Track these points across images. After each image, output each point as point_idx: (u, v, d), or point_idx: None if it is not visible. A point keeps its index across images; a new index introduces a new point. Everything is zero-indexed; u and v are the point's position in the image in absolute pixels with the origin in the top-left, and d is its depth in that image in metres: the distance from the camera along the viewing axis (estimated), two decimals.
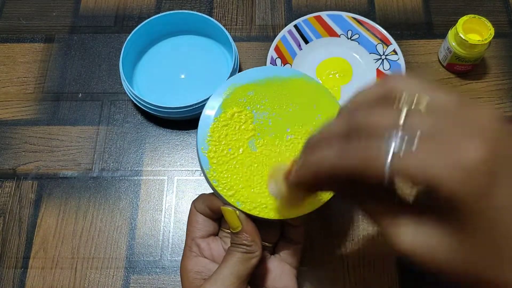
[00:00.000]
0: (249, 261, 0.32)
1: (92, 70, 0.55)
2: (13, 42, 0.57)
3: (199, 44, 0.56)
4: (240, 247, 0.32)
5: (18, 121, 0.52)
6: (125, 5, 0.59)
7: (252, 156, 0.34)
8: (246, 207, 0.33)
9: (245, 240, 0.32)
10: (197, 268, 0.34)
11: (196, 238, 0.35)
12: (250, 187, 0.33)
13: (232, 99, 0.35)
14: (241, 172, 0.33)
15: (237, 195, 0.33)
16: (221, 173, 0.33)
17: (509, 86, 0.53)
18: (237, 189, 0.33)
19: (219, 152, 0.34)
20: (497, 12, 0.58)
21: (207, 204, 0.35)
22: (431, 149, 0.20)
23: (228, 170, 0.33)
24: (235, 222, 0.33)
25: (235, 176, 0.33)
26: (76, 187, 0.49)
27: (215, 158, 0.33)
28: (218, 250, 0.36)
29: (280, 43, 0.53)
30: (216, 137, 0.34)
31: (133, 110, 0.53)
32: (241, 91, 0.35)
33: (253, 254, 0.32)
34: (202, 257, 0.35)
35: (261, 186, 0.33)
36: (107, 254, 0.46)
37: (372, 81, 0.25)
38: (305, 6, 0.59)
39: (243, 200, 0.33)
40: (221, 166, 0.33)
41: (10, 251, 0.46)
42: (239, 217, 0.33)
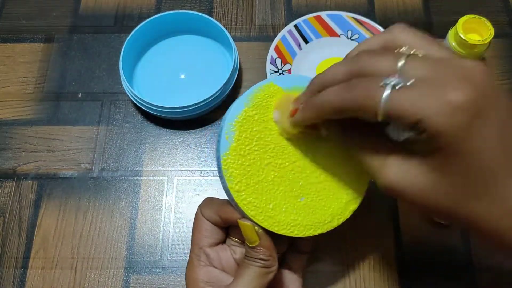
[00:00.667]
0: (266, 276, 0.31)
1: (92, 70, 0.55)
2: (13, 42, 0.57)
3: (199, 44, 0.56)
4: (257, 261, 0.31)
5: (18, 121, 0.52)
6: (125, 5, 0.59)
7: (275, 169, 0.32)
8: (266, 222, 0.31)
9: (263, 254, 0.31)
10: (207, 279, 0.33)
11: (204, 246, 0.34)
12: (271, 202, 0.32)
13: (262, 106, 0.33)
14: (264, 185, 0.32)
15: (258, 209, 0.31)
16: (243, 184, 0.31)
17: (509, 86, 0.53)
18: (257, 203, 0.31)
19: (242, 163, 0.31)
20: (497, 12, 0.58)
21: (219, 213, 0.33)
22: (423, 90, 0.22)
23: (252, 184, 0.31)
24: (252, 237, 0.31)
25: (259, 190, 0.31)
26: (76, 187, 0.49)
27: (236, 168, 0.31)
28: (228, 259, 0.34)
29: (280, 43, 0.53)
30: (241, 145, 0.31)
31: (133, 110, 0.53)
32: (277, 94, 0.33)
33: (270, 269, 0.31)
34: (212, 267, 0.34)
35: (282, 202, 0.32)
36: (107, 254, 0.46)
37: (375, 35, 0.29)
38: (305, 6, 0.59)
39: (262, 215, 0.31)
40: (244, 177, 0.31)
41: (10, 251, 0.46)
42: (257, 232, 0.31)
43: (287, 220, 0.32)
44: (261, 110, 0.32)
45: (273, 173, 0.32)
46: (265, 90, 0.33)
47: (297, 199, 0.32)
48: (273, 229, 0.31)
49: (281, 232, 0.31)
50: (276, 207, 0.32)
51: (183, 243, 0.46)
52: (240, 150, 0.31)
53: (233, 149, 0.31)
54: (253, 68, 0.55)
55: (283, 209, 0.32)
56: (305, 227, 0.32)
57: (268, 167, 0.32)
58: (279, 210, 0.32)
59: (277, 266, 0.32)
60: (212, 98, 0.48)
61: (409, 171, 0.24)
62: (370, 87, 0.23)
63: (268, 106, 0.33)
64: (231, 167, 0.31)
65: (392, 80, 0.23)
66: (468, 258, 0.44)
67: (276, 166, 0.32)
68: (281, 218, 0.31)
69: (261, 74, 0.54)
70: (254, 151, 0.32)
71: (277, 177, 0.32)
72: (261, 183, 0.31)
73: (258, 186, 0.31)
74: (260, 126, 0.32)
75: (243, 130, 0.32)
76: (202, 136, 0.51)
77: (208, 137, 0.51)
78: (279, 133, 0.33)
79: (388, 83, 0.23)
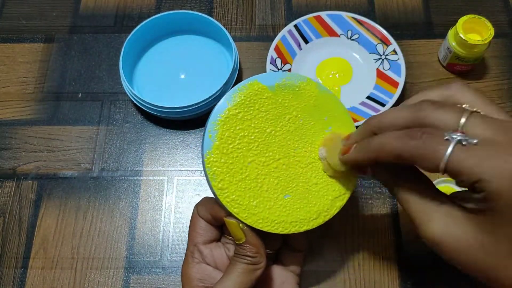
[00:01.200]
0: (254, 272, 0.31)
1: (92, 70, 0.55)
2: (13, 42, 0.57)
3: (199, 44, 0.56)
4: (244, 258, 0.32)
5: (18, 121, 0.52)
6: (125, 5, 0.59)
7: (259, 167, 0.32)
8: (250, 219, 0.32)
9: (249, 251, 0.31)
10: (199, 276, 0.34)
11: (198, 244, 0.34)
12: (255, 199, 0.32)
13: (245, 103, 0.33)
14: (248, 183, 0.32)
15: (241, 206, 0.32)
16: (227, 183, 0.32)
17: (509, 86, 0.53)
18: (241, 201, 0.32)
19: (225, 162, 0.32)
20: (497, 12, 0.58)
21: (210, 212, 0.34)
22: (488, 150, 0.22)
23: (234, 182, 0.32)
24: (238, 234, 0.32)
25: (242, 187, 0.32)
26: (76, 187, 0.49)
27: (219, 166, 0.32)
28: (221, 257, 0.35)
29: (280, 43, 0.53)
30: (224, 144, 0.32)
31: (133, 110, 0.53)
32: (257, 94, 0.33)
33: (257, 266, 0.32)
34: (205, 264, 0.34)
35: (266, 199, 0.32)
36: (107, 254, 0.46)
37: (434, 86, 0.30)
38: (305, 6, 0.59)
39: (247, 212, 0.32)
40: (227, 175, 0.32)
41: (10, 251, 0.46)
42: (242, 229, 0.32)
43: (271, 217, 0.32)
44: (244, 109, 0.33)
45: (256, 170, 0.32)
46: (249, 88, 0.33)
47: (282, 196, 0.33)
48: (257, 226, 0.32)
49: (265, 229, 0.32)
50: (260, 204, 0.32)
51: (183, 243, 0.46)
52: (223, 148, 0.32)
53: (216, 148, 0.32)
54: (253, 68, 0.55)
55: (267, 206, 0.32)
56: (290, 224, 0.33)
57: (251, 165, 0.32)
58: (263, 207, 0.32)
59: (265, 263, 0.32)
60: (212, 98, 0.48)
61: (456, 226, 0.24)
62: (435, 139, 0.24)
63: (252, 104, 0.33)
64: (214, 165, 0.32)
65: (458, 136, 0.23)
66: None
67: (260, 164, 0.32)
68: (265, 215, 0.32)
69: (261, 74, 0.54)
70: (237, 149, 0.32)
71: (261, 174, 0.32)
72: (245, 181, 0.32)
73: (241, 183, 0.32)
74: (243, 125, 0.32)
75: (225, 128, 0.32)
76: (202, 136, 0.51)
77: None
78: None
79: (454, 138, 0.23)
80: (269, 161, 0.33)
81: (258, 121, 0.33)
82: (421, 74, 0.54)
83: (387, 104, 0.49)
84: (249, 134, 0.32)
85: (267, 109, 0.33)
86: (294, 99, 0.34)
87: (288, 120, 0.33)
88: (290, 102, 0.34)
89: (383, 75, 0.52)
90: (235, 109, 0.32)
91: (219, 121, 0.32)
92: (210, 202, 0.35)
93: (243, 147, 0.32)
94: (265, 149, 0.33)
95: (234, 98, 0.33)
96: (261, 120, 0.33)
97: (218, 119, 0.32)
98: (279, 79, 0.34)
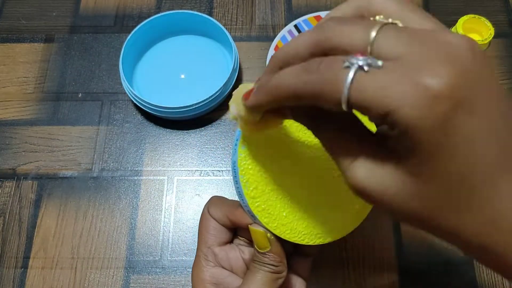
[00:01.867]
0: (276, 281, 0.30)
1: (92, 70, 0.55)
2: (13, 42, 0.57)
3: (199, 44, 0.56)
4: (266, 267, 0.30)
5: (18, 121, 0.52)
6: (125, 5, 0.59)
7: (291, 178, 0.31)
8: (278, 230, 0.31)
9: (273, 260, 0.30)
10: (215, 280, 0.32)
11: (212, 246, 0.33)
12: (284, 209, 0.31)
13: None
14: (279, 193, 0.31)
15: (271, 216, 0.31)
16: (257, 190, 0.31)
17: (509, 86, 0.53)
18: (272, 210, 0.31)
19: (259, 170, 0.30)
20: (497, 12, 0.58)
21: (228, 215, 0.32)
22: (395, 73, 0.17)
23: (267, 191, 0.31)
24: (264, 243, 0.30)
25: (274, 197, 0.31)
26: (76, 187, 0.49)
27: (253, 174, 0.30)
28: (237, 260, 0.33)
29: (280, 43, 0.53)
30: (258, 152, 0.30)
31: (133, 110, 0.53)
32: None
33: (280, 275, 0.30)
34: (220, 268, 0.33)
35: (297, 210, 0.31)
36: (107, 254, 0.46)
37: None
38: (305, 6, 0.59)
39: (275, 222, 0.31)
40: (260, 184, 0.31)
41: (10, 251, 0.46)
42: (269, 239, 0.30)
43: (299, 228, 0.31)
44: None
45: (289, 180, 0.31)
46: None
47: (311, 207, 0.32)
48: (285, 236, 0.31)
49: (292, 240, 0.31)
50: (290, 215, 0.31)
51: (183, 243, 0.46)
52: (257, 156, 0.30)
53: (250, 155, 0.30)
54: (253, 68, 0.55)
55: (296, 217, 0.31)
56: (316, 235, 0.32)
57: (284, 175, 0.31)
58: (292, 218, 0.31)
59: (286, 272, 0.31)
60: (212, 98, 0.48)
61: (381, 170, 0.20)
62: (332, 68, 0.19)
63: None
64: (247, 172, 0.30)
65: (359, 60, 0.18)
66: (468, 259, 0.44)
67: (292, 174, 0.31)
68: (293, 226, 0.31)
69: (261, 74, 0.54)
70: (271, 157, 0.31)
71: (294, 186, 0.31)
72: (277, 190, 0.31)
73: (273, 193, 0.31)
74: (280, 133, 0.31)
75: (259, 136, 0.30)
76: (202, 136, 0.51)
77: (208, 137, 0.51)
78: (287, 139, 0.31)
79: (354, 63, 0.18)
80: (301, 171, 0.32)
81: (293, 130, 0.32)
82: None
83: None
84: (283, 142, 0.31)
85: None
86: None
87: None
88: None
89: None
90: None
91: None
92: (226, 204, 0.33)
93: (277, 156, 0.31)
94: (298, 159, 0.32)
95: None
96: (296, 129, 0.32)
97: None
98: None
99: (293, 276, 0.35)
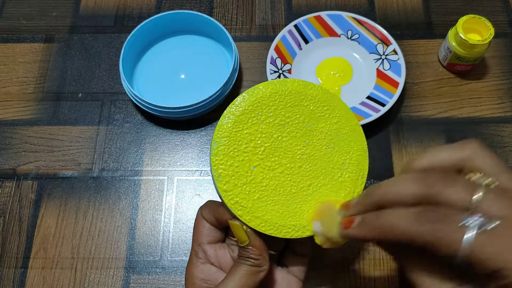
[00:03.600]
0: (256, 275, 0.31)
1: (92, 70, 0.55)
2: (13, 42, 0.57)
3: (199, 44, 0.56)
4: (247, 260, 0.32)
5: (18, 121, 0.52)
6: (125, 5, 0.59)
7: (264, 171, 0.32)
8: (253, 222, 0.32)
9: (253, 254, 0.31)
10: (203, 276, 0.33)
11: (202, 243, 0.34)
12: (259, 202, 0.32)
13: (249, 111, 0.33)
14: (253, 186, 0.32)
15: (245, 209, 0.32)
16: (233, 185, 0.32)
17: (509, 86, 0.53)
18: (245, 203, 0.32)
19: (231, 164, 0.32)
20: (497, 12, 0.58)
21: (214, 215, 0.34)
22: (506, 237, 0.21)
23: (239, 184, 0.32)
24: (242, 237, 0.32)
25: (247, 190, 0.32)
26: (76, 187, 0.49)
27: (224, 169, 0.32)
28: (225, 258, 0.35)
29: (280, 43, 0.53)
30: (231, 147, 0.32)
31: (133, 110, 0.53)
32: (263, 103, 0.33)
33: (260, 268, 0.32)
34: (209, 264, 0.34)
35: (271, 203, 0.32)
36: (107, 254, 0.46)
37: (446, 145, 0.27)
38: (305, 6, 0.59)
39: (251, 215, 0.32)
40: (232, 178, 0.32)
41: (10, 251, 0.46)
42: (246, 231, 0.32)
43: (274, 220, 0.32)
44: (252, 114, 0.33)
45: (262, 174, 0.32)
46: (257, 93, 0.33)
47: (287, 201, 0.33)
48: (260, 229, 0.32)
49: (268, 232, 0.32)
50: (264, 208, 0.32)
51: (183, 243, 0.46)
52: (230, 151, 0.32)
53: (223, 150, 0.32)
54: (253, 68, 0.55)
55: (271, 210, 0.32)
56: (293, 228, 0.32)
57: (257, 169, 0.32)
58: (267, 211, 0.32)
59: (267, 266, 0.32)
60: (212, 98, 0.48)
61: None
62: (449, 224, 0.22)
63: (260, 109, 0.33)
64: (220, 167, 0.32)
65: (475, 221, 0.22)
66: None
67: (265, 168, 0.33)
68: (268, 218, 0.32)
69: (261, 74, 0.54)
70: (243, 152, 0.32)
71: (266, 178, 0.32)
72: (250, 184, 0.32)
73: (246, 186, 0.32)
74: (251, 129, 0.33)
75: (233, 132, 0.32)
76: (202, 136, 0.51)
77: (208, 137, 0.51)
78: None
79: (471, 224, 0.22)
80: (275, 166, 0.33)
81: (265, 126, 0.33)
82: (421, 74, 0.54)
83: (387, 104, 0.49)
84: (256, 138, 0.33)
85: (275, 114, 0.33)
86: (301, 105, 0.34)
87: (296, 126, 0.33)
88: (297, 108, 0.34)
89: (383, 75, 0.52)
90: (244, 114, 0.33)
91: (227, 124, 0.33)
92: (214, 205, 0.35)
93: (249, 151, 0.32)
94: (271, 154, 0.33)
95: (243, 102, 0.33)
96: (268, 125, 0.33)
97: (226, 122, 0.33)
98: (287, 85, 0.34)
99: (288, 275, 0.36)
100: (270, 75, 0.50)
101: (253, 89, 0.33)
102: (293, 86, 0.34)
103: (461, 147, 0.26)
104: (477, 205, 0.22)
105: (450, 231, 0.22)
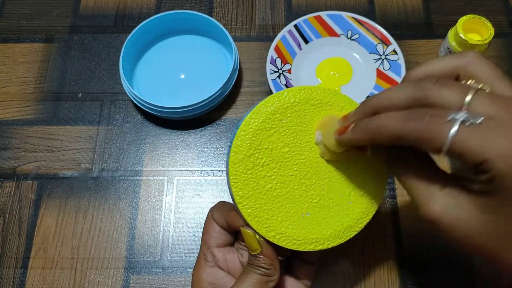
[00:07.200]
0: (267, 284, 0.31)
1: (92, 70, 0.55)
2: (13, 42, 0.57)
3: (199, 44, 0.56)
4: (258, 269, 0.31)
5: (18, 121, 0.52)
6: (125, 5, 0.59)
7: (282, 182, 0.32)
8: (267, 233, 0.31)
9: (264, 263, 0.31)
10: (211, 279, 0.33)
11: (212, 246, 0.34)
12: (274, 213, 0.31)
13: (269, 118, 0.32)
14: (269, 197, 0.31)
15: (260, 219, 0.31)
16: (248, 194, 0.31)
17: None
18: (260, 213, 0.31)
19: (251, 173, 0.31)
20: (497, 12, 0.58)
21: (226, 219, 0.33)
22: (493, 130, 0.22)
23: (256, 194, 0.31)
24: (254, 245, 0.31)
25: (263, 201, 0.31)
26: (76, 187, 0.49)
27: (242, 177, 0.31)
28: (234, 262, 0.34)
29: (280, 43, 0.53)
30: (250, 155, 0.31)
31: (133, 110, 0.53)
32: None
33: (271, 278, 0.31)
34: (217, 268, 0.34)
35: (286, 214, 0.32)
36: (107, 254, 0.46)
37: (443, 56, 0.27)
38: (305, 6, 0.59)
39: (265, 225, 0.31)
40: (249, 187, 0.31)
41: (10, 251, 0.46)
42: (258, 240, 0.31)
43: (288, 232, 0.31)
44: (272, 123, 0.32)
45: (280, 185, 0.31)
46: (278, 101, 0.32)
47: (302, 213, 0.32)
48: (274, 240, 0.31)
49: (281, 243, 0.31)
50: (279, 219, 0.31)
51: (183, 243, 0.46)
52: (249, 158, 0.31)
53: (242, 159, 0.31)
54: (253, 68, 0.55)
55: (286, 221, 0.31)
56: (306, 242, 0.32)
57: (276, 179, 0.31)
58: (281, 222, 0.31)
59: (278, 276, 0.31)
60: (212, 98, 0.48)
61: (458, 207, 0.24)
62: (437, 119, 0.23)
63: (280, 118, 0.32)
64: (237, 175, 0.31)
65: (461, 116, 0.22)
66: (468, 258, 0.44)
67: (284, 178, 0.32)
68: (282, 230, 0.31)
69: (261, 74, 0.54)
70: (263, 161, 0.31)
71: (284, 189, 0.32)
72: (266, 194, 0.31)
73: (263, 196, 0.31)
74: (273, 137, 0.31)
75: (253, 140, 0.31)
76: (202, 136, 0.51)
77: (208, 137, 0.51)
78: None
79: (457, 118, 0.22)
80: (294, 177, 0.32)
81: (285, 137, 0.32)
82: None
83: None
84: (277, 147, 0.32)
85: (294, 123, 0.32)
86: (317, 113, 0.33)
87: (312, 136, 0.33)
88: (314, 117, 0.33)
89: (383, 75, 0.52)
90: (265, 122, 0.31)
91: (249, 131, 0.31)
92: (226, 208, 0.34)
93: (269, 160, 0.31)
94: (290, 164, 0.32)
95: (263, 109, 0.32)
96: (288, 135, 0.32)
97: (246, 131, 0.31)
98: (313, 94, 0.33)
99: (295, 282, 0.35)
100: (270, 75, 0.50)
101: (277, 95, 0.32)
102: (316, 95, 0.33)
103: (458, 56, 0.26)
104: (468, 104, 0.23)
105: (436, 125, 0.22)
